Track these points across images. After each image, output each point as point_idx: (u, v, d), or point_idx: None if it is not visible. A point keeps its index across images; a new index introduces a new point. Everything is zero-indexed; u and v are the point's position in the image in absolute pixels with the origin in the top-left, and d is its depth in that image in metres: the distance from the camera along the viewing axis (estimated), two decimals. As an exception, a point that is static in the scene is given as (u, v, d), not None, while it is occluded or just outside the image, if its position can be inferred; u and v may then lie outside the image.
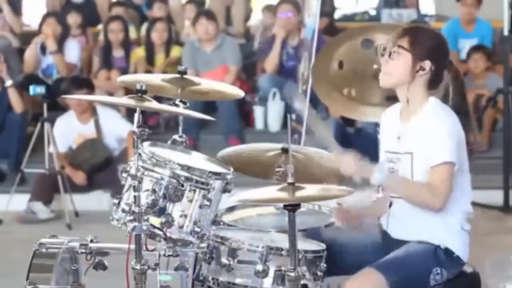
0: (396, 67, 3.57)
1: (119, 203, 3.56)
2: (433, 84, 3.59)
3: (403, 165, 3.56)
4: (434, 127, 3.49)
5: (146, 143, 3.62)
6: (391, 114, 3.74)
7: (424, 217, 3.55)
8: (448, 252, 3.53)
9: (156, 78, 4.09)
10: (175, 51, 9.12)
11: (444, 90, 3.64)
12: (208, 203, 3.54)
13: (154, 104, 3.51)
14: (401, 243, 3.60)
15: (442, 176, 3.44)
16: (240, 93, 4.13)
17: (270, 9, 10.03)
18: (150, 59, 9.10)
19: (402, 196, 3.54)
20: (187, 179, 3.50)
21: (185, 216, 3.51)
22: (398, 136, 3.62)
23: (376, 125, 4.23)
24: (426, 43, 3.58)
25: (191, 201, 3.52)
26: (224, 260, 3.42)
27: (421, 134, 3.52)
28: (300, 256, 3.35)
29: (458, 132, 3.52)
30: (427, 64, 3.56)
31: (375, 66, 4.14)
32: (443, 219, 3.54)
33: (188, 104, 3.96)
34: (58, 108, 8.30)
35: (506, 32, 7.84)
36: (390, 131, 3.69)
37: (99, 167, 7.96)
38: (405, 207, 3.57)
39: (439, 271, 3.50)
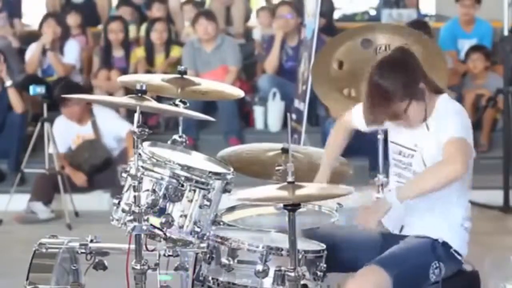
0: (412, 115, 3.52)
1: (119, 203, 3.56)
2: (433, 86, 3.60)
3: (417, 160, 3.58)
4: (446, 116, 3.50)
5: (146, 143, 3.63)
6: None
7: (424, 212, 3.56)
8: (445, 246, 3.55)
9: (156, 78, 4.09)
10: (175, 51, 9.12)
11: None
12: (208, 203, 3.54)
13: (154, 104, 3.51)
14: (400, 238, 3.61)
15: (455, 146, 3.41)
16: (240, 93, 4.13)
17: (265, 10, 10.06)
18: (150, 59, 9.10)
19: (426, 191, 3.46)
20: (187, 179, 3.50)
21: (185, 216, 3.51)
22: (412, 133, 3.62)
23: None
24: (402, 80, 3.49)
25: (191, 201, 3.52)
26: (224, 260, 3.42)
27: (434, 130, 3.53)
28: (300, 256, 3.35)
29: (468, 122, 3.54)
30: (421, 85, 3.53)
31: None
32: (443, 214, 3.55)
33: (188, 104, 3.96)
34: (58, 108, 8.29)
35: (506, 32, 7.84)
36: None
37: (99, 168, 7.95)
38: (406, 204, 3.57)
39: (437, 264, 3.51)
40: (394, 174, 3.74)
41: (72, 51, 9.04)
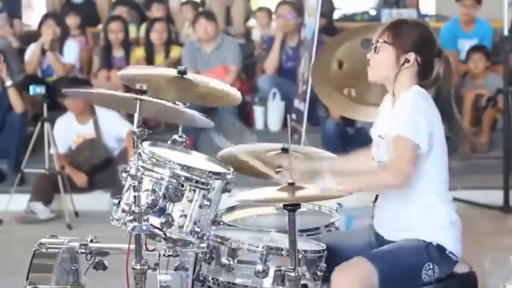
0: (379, 61, 3.59)
1: (119, 203, 3.56)
2: (423, 75, 3.60)
3: (383, 148, 3.56)
4: (405, 105, 3.50)
5: (146, 143, 3.63)
6: (387, 101, 3.76)
7: (413, 215, 3.55)
8: (440, 248, 3.53)
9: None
10: (175, 51, 9.13)
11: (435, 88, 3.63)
12: (208, 203, 3.54)
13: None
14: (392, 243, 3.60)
15: (400, 150, 3.42)
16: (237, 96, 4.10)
17: (263, 11, 10.07)
18: (150, 59, 9.10)
19: (360, 189, 3.49)
20: (187, 179, 3.50)
21: (185, 216, 3.52)
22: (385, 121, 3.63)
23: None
24: (409, 35, 3.58)
25: (191, 201, 3.52)
26: (224, 260, 3.42)
27: (395, 117, 3.52)
28: (300, 256, 3.35)
29: (431, 116, 3.51)
30: (412, 56, 3.56)
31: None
32: (430, 215, 3.53)
33: (188, 104, 3.95)
34: (58, 108, 8.30)
35: (506, 32, 7.84)
36: (382, 116, 3.71)
37: (99, 168, 7.95)
38: (395, 208, 3.57)
39: (431, 266, 3.50)
40: None
41: (72, 51, 9.04)
